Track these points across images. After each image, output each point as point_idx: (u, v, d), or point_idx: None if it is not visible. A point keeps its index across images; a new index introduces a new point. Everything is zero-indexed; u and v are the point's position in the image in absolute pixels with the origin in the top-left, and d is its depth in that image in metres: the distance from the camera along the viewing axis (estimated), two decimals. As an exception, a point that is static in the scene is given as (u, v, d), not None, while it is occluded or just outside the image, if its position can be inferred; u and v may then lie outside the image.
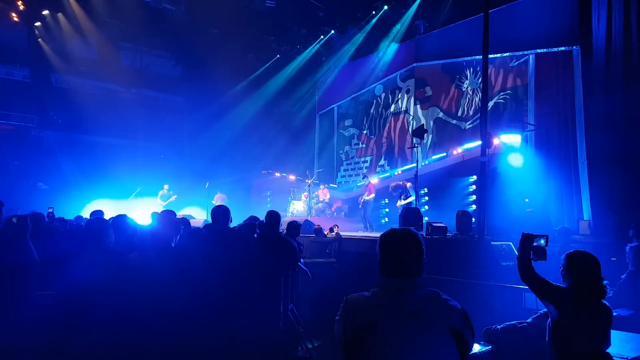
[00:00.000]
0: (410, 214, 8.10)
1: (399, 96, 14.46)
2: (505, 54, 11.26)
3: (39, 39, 14.65)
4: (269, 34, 15.77)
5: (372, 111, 15.43)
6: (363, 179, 12.66)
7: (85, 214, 10.00)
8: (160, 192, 13.82)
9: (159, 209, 9.68)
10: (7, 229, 3.55)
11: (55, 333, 3.20)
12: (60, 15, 14.16)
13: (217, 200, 13.94)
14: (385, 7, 13.49)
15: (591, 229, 8.45)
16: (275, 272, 4.69)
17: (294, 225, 6.22)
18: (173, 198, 13.75)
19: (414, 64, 13.78)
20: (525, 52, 10.85)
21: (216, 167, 16.45)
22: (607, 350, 2.84)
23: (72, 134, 15.87)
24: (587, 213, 9.04)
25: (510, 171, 8.63)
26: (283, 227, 6.31)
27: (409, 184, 10.80)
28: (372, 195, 11.91)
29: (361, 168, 15.41)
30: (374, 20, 13.95)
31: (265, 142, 16.23)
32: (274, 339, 4.59)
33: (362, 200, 12.12)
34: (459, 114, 12.63)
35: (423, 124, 12.31)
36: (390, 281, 1.87)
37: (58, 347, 3.18)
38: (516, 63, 11.21)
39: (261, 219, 5.79)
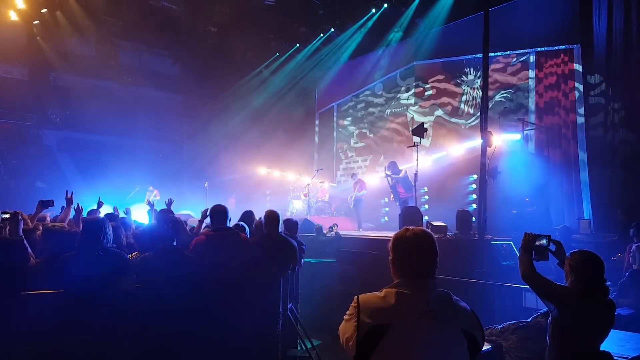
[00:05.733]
0: (410, 213, 8.06)
1: (399, 95, 14.41)
2: (505, 53, 11.24)
3: (38, 37, 14.59)
4: (268, 32, 15.70)
5: (371, 110, 15.38)
6: (352, 177, 12.39)
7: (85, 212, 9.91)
8: (147, 194, 13.68)
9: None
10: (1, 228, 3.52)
11: (53, 333, 3.17)
12: (58, 13, 14.09)
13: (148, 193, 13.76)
14: (385, 5, 13.43)
15: (592, 228, 8.45)
16: (274, 271, 4.66)
17: (291, 223, 6.18)
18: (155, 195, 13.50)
19: (414, 63, 13.73)
20: (526, 51, 10.83)
21: (215, 165, 16.42)
22: (608, 350, 2.83)
23: (70, 133, 15.83)
24: (587, 212, 9.03)
25: (510, 170, 8.60)
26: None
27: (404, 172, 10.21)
28: (364, 191, 11.65)
29: (360, 167, 15.36)
30: (374, 18, 13.88)
31: (265, 141, 16.17)
32: (273, 338, 4.57)
33: (351, 199, 11.82)
34: (459, 112, 12.60)
35: (423, 123, 12.25)
36: (404, 281, 1.84)
37: (56, 348, 3.15)
38: (517, 61, 11.19)
39: (255, 214, 5.78)
